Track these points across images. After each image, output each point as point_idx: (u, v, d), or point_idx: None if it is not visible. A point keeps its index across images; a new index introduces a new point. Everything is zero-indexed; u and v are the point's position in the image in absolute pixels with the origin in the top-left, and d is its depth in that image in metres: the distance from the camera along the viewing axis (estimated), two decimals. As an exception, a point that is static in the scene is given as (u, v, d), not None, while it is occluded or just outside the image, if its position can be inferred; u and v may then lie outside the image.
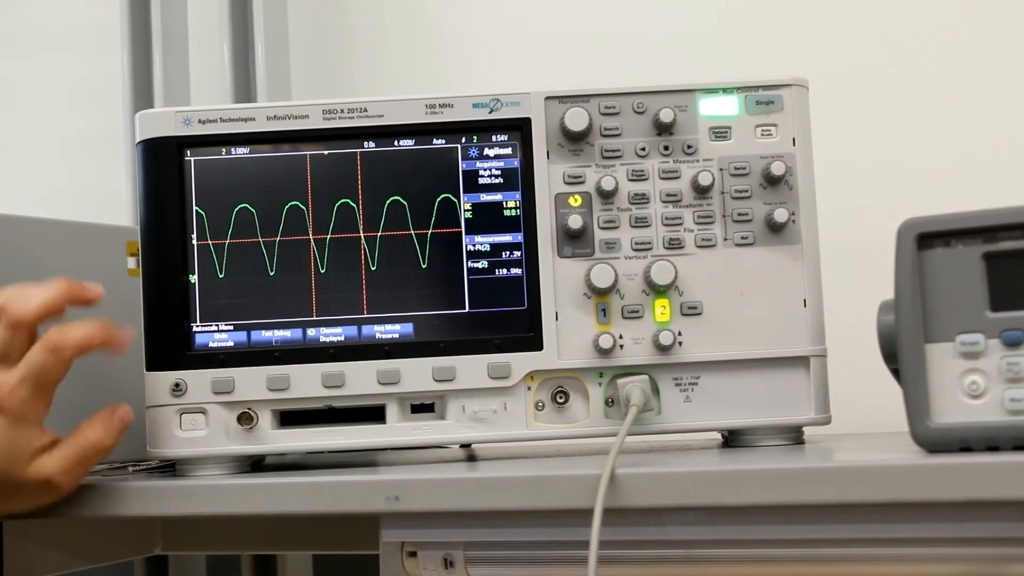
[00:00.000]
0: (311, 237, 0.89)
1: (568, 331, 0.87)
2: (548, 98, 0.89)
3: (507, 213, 0.89)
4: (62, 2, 1.63)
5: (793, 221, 0.88)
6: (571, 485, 0.73)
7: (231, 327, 0.88)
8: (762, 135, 0.89)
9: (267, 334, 0.88)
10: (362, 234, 0.88)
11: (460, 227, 0.89)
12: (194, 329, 0.88)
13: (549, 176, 0.88)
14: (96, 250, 1.07)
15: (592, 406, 0.88)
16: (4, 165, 1.64)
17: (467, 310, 0.88)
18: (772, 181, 0.88)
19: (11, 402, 0.77)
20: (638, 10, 1.37)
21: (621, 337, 0.87)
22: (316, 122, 0.89)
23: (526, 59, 1.40)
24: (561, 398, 0.88)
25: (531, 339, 0.87)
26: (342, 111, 0.89)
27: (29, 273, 0.99)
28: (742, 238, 0.88)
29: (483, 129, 0.89)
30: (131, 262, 1.07)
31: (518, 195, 0.89)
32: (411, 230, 0.88)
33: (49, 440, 0.80)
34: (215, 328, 0.88)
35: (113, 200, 1.45)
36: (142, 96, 1.45)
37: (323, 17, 1.51)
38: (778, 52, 1.30)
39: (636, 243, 0.88)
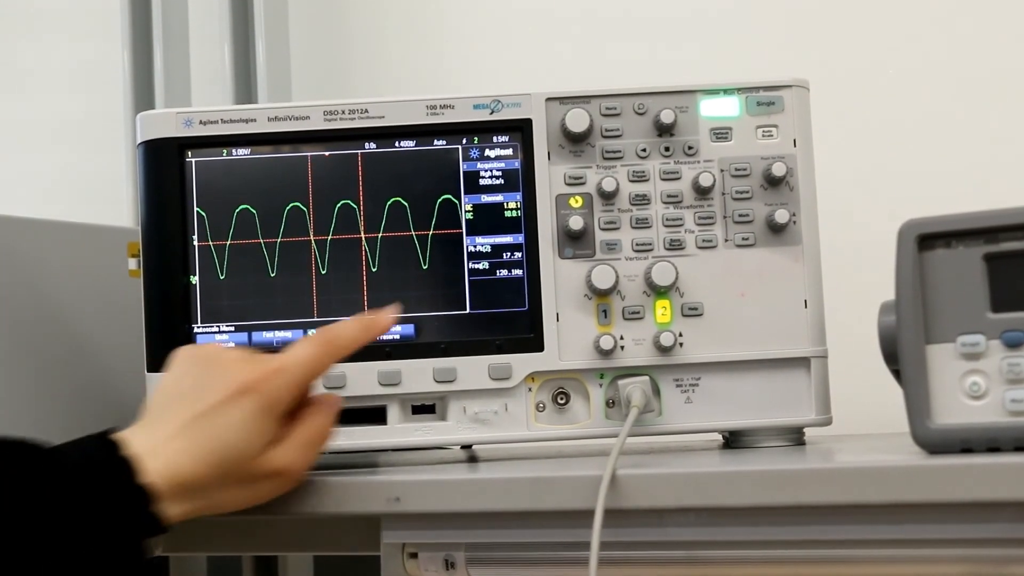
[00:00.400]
0: (312, 238, 0.89)
1: (569, 332, 0.87)
2: (549, 99, 0.89)
3: (508, 214, 0.89)
4: (63, 2, 1.63)
5: (794, 222, 0.88)
6: (572, 486, 0.73)
7: (232, 328, 0.88)
8: (763, 136, 0.89)
9: (268, 335, 0.88)
10: (363, 235, 0.88)
11: (461, 228, 0.89)
12: (195, 330, 0.88)
13: (550, 177, 0.88)
14: (96, 251, 1.07)
15: (593, 407, 0.88)
16: (3, 165, 1.64)
17: (468, 311, 0.88)
18: (773, 182, 0.88)
19: (267, 387, 0.73)
20: (638, 11, 1.37)
21: (622, 338, 0.87)
22: (317, 123, 0.89)
23: (527, 59, 1.40)
24: (562, 399, 0.88)
25: (532, 340, 0.87)
26: (343, 112, 0.89)
27: (29, 273, 0.99)
28: (743, 239, 0.88)
29: (484, 130, 0.89)
30: (132, 263, 1.07)
31: (519, 196, 0.89)
32: (412, 231, 0.88)
33: (283, 433, 0.76)
34: (216, 329, 0.88)
35: (114, 200, 1.45)
36: (143, 96, 1.45)
37: (323, 17, 1.51)
38: (778, 52, 1.30)
39: (637, 244, 0.88)
